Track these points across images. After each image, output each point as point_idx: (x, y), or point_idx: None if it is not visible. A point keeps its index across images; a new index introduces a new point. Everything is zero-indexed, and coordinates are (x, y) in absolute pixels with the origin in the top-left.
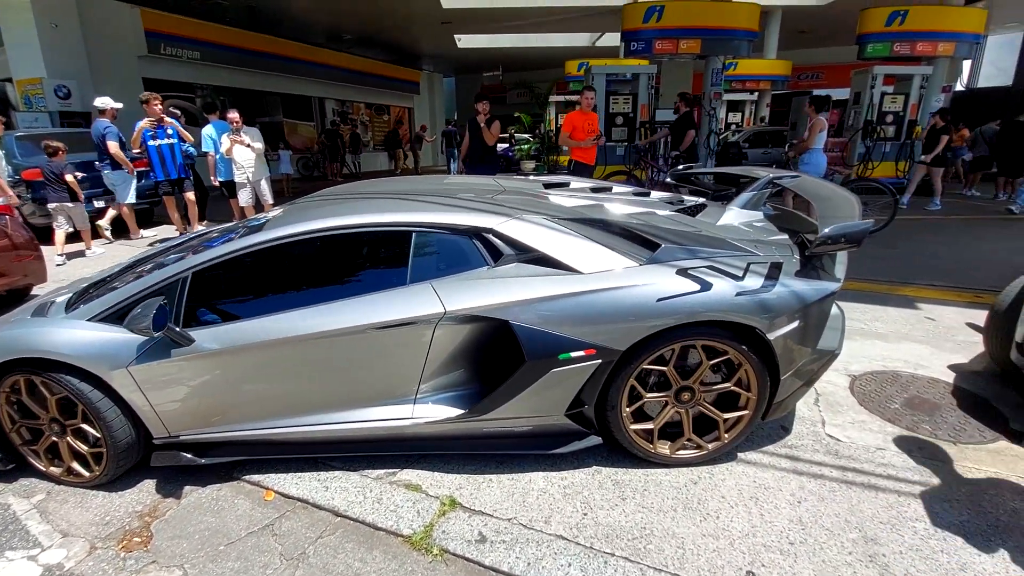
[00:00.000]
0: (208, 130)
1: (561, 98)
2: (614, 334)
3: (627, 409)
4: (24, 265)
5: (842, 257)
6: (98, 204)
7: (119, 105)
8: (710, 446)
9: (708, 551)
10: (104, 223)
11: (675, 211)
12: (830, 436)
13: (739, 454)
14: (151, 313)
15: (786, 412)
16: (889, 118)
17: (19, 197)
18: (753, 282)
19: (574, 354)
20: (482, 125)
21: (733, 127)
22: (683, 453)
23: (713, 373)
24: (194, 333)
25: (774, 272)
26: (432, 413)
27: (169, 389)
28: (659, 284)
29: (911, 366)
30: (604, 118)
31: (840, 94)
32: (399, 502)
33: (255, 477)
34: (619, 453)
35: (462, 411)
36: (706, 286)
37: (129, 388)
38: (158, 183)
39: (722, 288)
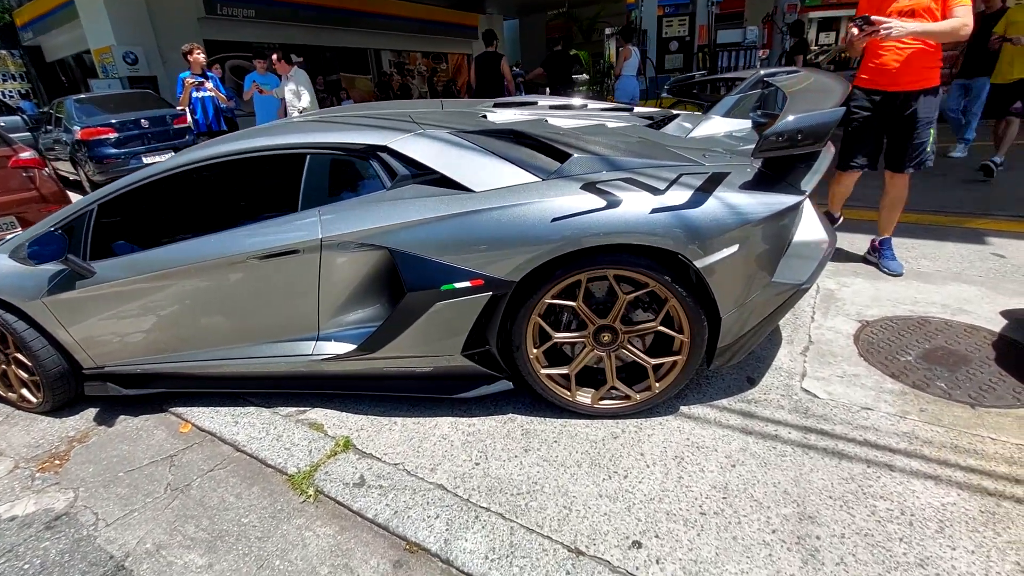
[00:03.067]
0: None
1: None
2: (503, 262)
3: (534, 350)
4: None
5: (819, 165)
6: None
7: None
8: (639, 396)
9: (598, 514)
10: None
11: (645, 126)
12: (805, 391)
13: (683, 407)
14: (26, 244)
15: (739, 359)
16: None
17: (79, 157)
18: (678, 196)
19: (459, 285)
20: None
21: (827, 48)
22: (607, 403)
23: (644, 312)
24: (97, 265)
25: (710, 184)
26: (331, 350)
27: (81, 320)
28: (556, 201)
29: (949, 311)
30: (656, 43)
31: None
32: (297, 440)
33: (180, 410)
34: (544, 403)
35: (353, 347)
36: (614, 202)
37: (47, 319)
38: (199, 135)
39: (634, 204)
